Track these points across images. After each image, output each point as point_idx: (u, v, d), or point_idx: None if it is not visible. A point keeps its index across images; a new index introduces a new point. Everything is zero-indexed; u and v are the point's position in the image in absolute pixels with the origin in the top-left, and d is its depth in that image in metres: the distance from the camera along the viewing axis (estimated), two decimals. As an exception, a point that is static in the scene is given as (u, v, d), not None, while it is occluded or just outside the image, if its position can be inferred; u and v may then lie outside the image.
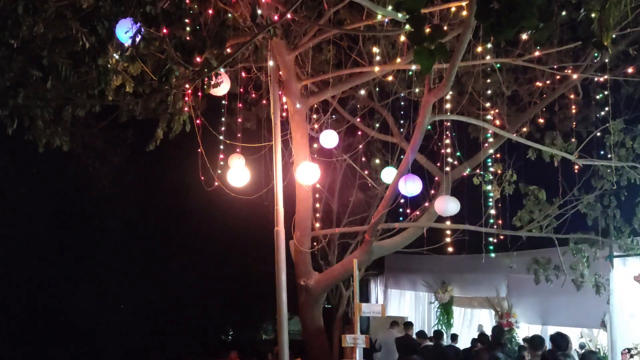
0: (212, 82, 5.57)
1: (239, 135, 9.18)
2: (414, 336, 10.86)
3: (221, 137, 9.05)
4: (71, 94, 5.84)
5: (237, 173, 8.16)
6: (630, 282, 7.85)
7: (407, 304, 15.68)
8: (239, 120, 9.45)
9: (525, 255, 9.98)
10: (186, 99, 7.08)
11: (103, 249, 16.59)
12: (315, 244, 10.42)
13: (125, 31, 5.11)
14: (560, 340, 6.40)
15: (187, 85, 6.04)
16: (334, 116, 9.80)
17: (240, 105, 9.58)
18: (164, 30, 5.21)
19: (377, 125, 10.43)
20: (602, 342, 9.94)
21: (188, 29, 5.38)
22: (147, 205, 16.46)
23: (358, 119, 10.64)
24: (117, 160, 13.63)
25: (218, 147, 9.06)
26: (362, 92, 9.91)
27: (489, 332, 11.93)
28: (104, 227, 15.83)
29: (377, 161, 11.31)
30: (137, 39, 4.92)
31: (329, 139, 8.43)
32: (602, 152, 8.68)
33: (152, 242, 17.48)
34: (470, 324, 13.90)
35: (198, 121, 7.99)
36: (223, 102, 9.20)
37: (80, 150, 13.58)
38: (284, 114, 8.93)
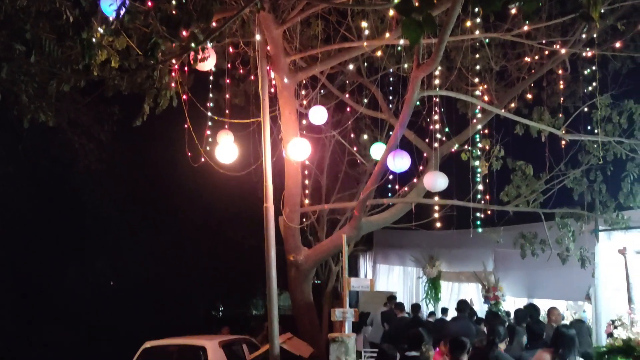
0: (199, 57, 5.50)
1: (227, 111, 9.12)
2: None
3: (209, 114, 8.98)
4: (56, 68, 5.75)
5: (225, 149, 8.12)
6: (615, 256, 7.95)
7: (396, 278, 15.86)
8: (227, 96, 9.37)
9: (512, 230, 10.09)
10: (173, 74, 7.01)
11: (91, 226, 16.56)
12: (304, 220, 10.46)
13: (109, 4, 5.02)
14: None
15: (173, 60, 5.96)
16: (322, 91, 9.74)
17: (228, 81, 9.50)
18: (149, 4, 5.13)
19: (366, 100, 10.38)
20: (587, 315, 10.16)
21: (174, 2, 5.28)
22: (135, 182, 16.40)
23: (347, 95, 10.59)
24: (103, 137, 13.50)
25: (206, 124, 9.00)
26: (351, 66, 9.84)
27: (477, 308, 12.20)
28: (92, 204, 15.78)
29: (365, 137, 11.30)
30: (122, 12, 4.83)
31: (318, 115, 8.40)
32: (589, 128, 8.73)
33: (140, 219, 17.46)
34: (457, 298, 14.07)
35: (185, 97, 7.91)
36: (210, 78, 9.11)
37: (65, 126, 13.42)
38: (272, 90, 8.87)
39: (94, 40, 5.17)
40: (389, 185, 10.84)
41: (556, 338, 5.81)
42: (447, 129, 9.97)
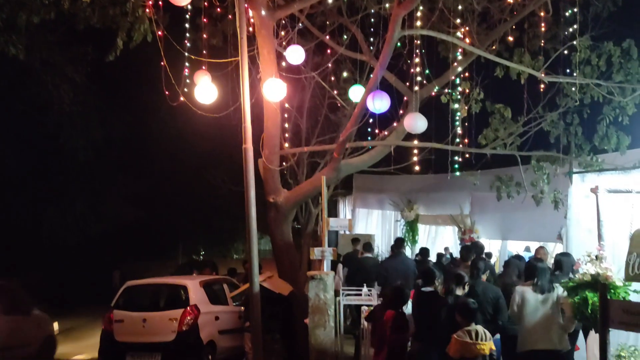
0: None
1: (204, 52, 8.93)
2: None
3: (186, 54, 8.79)
4: (25, -1, 5.54)
5: (204, 90, 7.99)
6: (587, 197, 8.13)
7: (374, 222, 16.11)
8: (204, 36, 9.16)
9: (488, 174, 10.22)
10: (147, 10, 6.79)
11: (69, 170, 16.39)
12: (284, 163, 10.47)
13: None
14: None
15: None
16: (301, 24, 9.51)
17: (205, 20, 9.26)
18: None
19: (346, 37, 10.19)
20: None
21: None
22: (112, 124, 16.15)
23: (327, 37, 10.41)
24: (78, 77, 13.18)
25: (183, 65, 8.82)
26: (330, 0, 9.59)
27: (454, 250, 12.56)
28: (69, 148, 15.55)
29: (345, 74, 11.16)
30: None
31: (295, 54, 8.25)
32: (568, 71, 8.74)
33: (118, 162, 17.32)
34: (434, 240, 14.42)
35: (160, 33, 7.70)
36: (187, 16, 8.87)
37: (38, 66, 13.08)
38: (251, 29, 8.67)
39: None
40: (369, 129, 10.85)
41: (532, 271, 6.39)
42: (427, 72, 9.91)
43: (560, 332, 6.25)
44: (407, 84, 9.92)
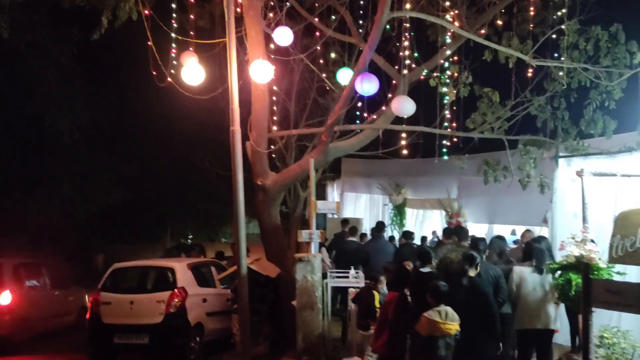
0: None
1: (191, 33, 8.84)
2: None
3: (173, 34, 8.70)
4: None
5: (192, 71, 7.92)
6: (574, 181, 8.20)
7: (362, 206, 16.19)
8: (192, 17, 9.06)
9: (476, 158, 10.29)
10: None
11: (55, 153, 16.22)
12: (272, 146, 10.44)
13: None
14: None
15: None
16: (288, 3, 9.42)
17: (192, 0, 9.15)
18: None
19: (334, 18, 10.10)
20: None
21: None
22: (98, 106, 15.97)
23: (316, 19, 10.33)
24: (63, 59, 12.99)
25: (170, 46, 8.73)
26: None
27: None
28: (55, 130, 15.37)
29: (333, 55, 11.09)
30: None
31: (283, 36, 8.19)
32: (556, 55, 8.75)
33: (105, 144, 17.17)
34: (422, 224, 14.51)
35: (147, 12, 7.60)
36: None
37: (24, 48, 12.90)
38: (238, 10, 8.58)
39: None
40: (358, 113, 10.84)
41: (530, 252, 6.68)
42: (416, 55, 9.88)
43: (555, 312, 6.52)
44: (396, 67, 9.89)
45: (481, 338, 5.80)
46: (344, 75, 8.87)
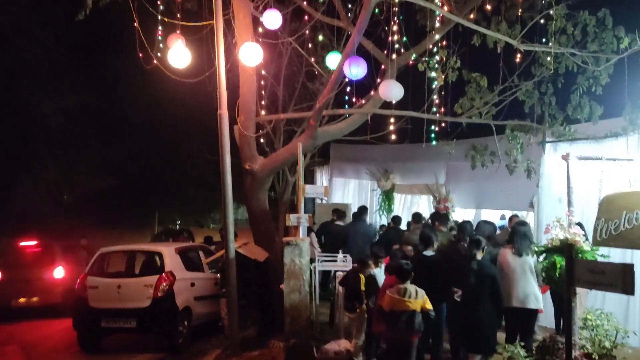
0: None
1: (178, 15, 8.74)
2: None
3: (159, 16, 8.60)
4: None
5: (178, 53, 7.86)
6: (559, 166, 8.27)
7: (351, 192, 16.19)
8: (178, -1, 8.97)
9: (464, 144, 10.31)
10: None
11: (40, 138, 16.07)
12: (260, 131, 10.39)
13: None
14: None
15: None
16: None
17: (179, -18, 9.05)
18: None
19: (322, 1, 10.04)
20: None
21: None
22: (84, 90, 15.80)
23: (304, 2, 10.25)
24: (48, 41, 12.82)
25: (157, 29, 8.63)
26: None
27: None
28: (40, 114, 15.20)
29: (321, 37, 11.01)
30: None
31: (272, 19, 8.12)
32: (544, 40, 8.76)
33: (91, 128, 17.01)
34: (410, 210, 14.55)
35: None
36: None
37: (8, 30, 12.71)
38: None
39: None
40: (347, 97, 10.80)
41: (513, 234, 7.05)
42: (405, 39, 9.85)
43: (536, 292, 6.76)
44: (385, 52, 9.86)
45: (490, 318, 6.29)
46: (332, 60, 8.84)
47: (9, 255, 12.62)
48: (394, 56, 9.19)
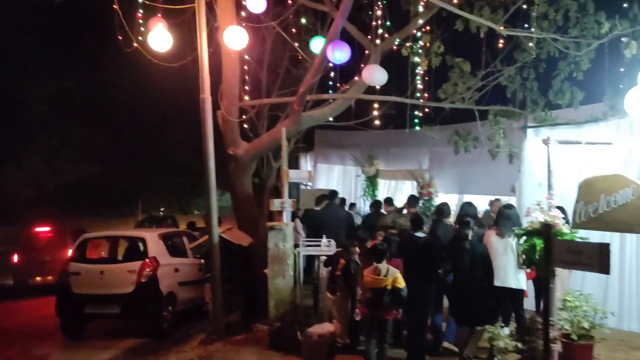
0: None
1: (159, -1, 8.64)
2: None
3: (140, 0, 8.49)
4: None
5: (159, 36, 7.78)
6: (540, 151, 8.34)
7: (335, 177, 16.20)
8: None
9: (447, 130, 10.36)
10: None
11: (22, 125, 15.85)
12: (244, 116, 10.35)
13: None
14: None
15: None
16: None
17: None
18: None
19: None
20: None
21: None
22: (66, 76, 15.57)
23: (288, -15, 10.18)
24: (30, 27, 12.60)
25: (137, 12, 8.52)
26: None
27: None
28: (22, 102, 14.98)
29: (304, 21, 10.95)
30: None
31: (256, 2, 8.06)
32: (526, 26, 8.80)
33: (74, 117, 16.81)
34: (394, 195, 14.61)
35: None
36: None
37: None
38: (209, -26, 8.41)
39: None
40: (331, 82, 10.79)
41: (498, 216, 7.32)
42: (388, 24, 9.84)
43: (518, 272, 7.00)
44: (369, 37, 9.84)
45: (485, 295, 6.56)
46: (317, 45, 8.81)
47: (25, 240, 13.84)
48: (377, 41, 9.18)
